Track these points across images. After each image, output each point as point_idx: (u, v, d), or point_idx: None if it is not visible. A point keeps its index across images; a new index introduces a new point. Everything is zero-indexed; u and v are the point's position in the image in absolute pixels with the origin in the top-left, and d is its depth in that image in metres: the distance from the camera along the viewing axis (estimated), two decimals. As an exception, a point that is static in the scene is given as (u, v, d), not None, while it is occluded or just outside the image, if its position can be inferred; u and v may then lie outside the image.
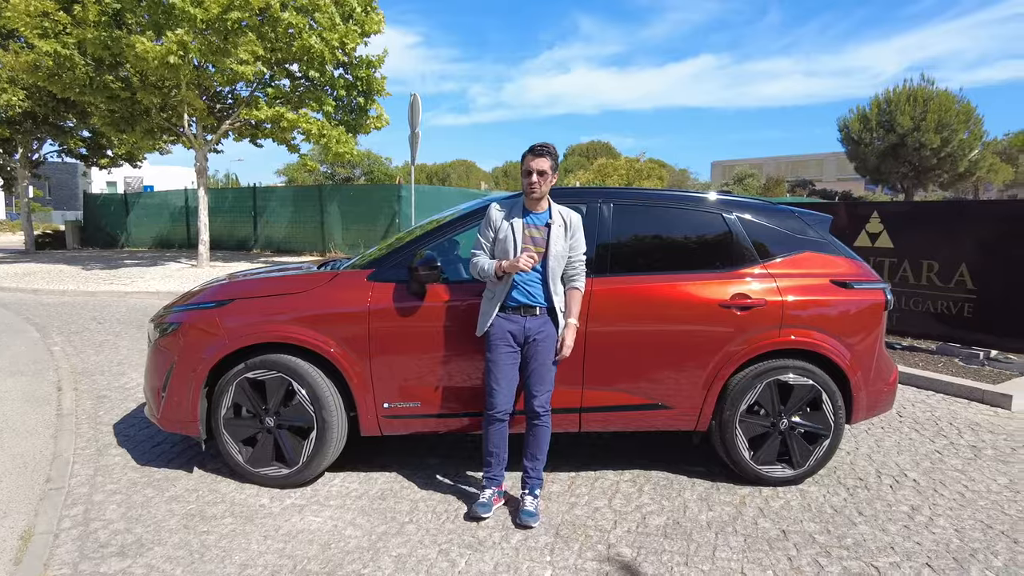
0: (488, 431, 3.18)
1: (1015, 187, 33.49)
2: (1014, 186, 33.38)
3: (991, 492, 3.58)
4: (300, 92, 14.55)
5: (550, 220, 3.17)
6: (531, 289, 3.13)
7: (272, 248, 18.41)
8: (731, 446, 3.55)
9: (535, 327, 3.12)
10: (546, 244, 3.13)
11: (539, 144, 3.15)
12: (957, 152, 25.98)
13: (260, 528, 3.02)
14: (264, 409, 3.41)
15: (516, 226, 3.14)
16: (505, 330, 3.12)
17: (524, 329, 3.12)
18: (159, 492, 3.39)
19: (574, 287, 3.22)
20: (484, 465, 3.26)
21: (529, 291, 3.13)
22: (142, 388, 5.23)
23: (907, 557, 2.88)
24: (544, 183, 3.11)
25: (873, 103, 28.00)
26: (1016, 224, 6.01)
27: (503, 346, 3.11)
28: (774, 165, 73.44)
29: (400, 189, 16.18)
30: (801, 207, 4.06)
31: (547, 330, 3.15)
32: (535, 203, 3.17)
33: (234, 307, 3.42)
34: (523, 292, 3.13)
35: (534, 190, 3.11)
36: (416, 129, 13.38)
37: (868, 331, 3.62)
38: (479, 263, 3.16)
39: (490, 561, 2.77)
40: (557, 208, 3.22)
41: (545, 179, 3.11)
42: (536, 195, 3.13)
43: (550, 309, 3.17)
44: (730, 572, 2.73)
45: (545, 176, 3.10)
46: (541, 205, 3.19)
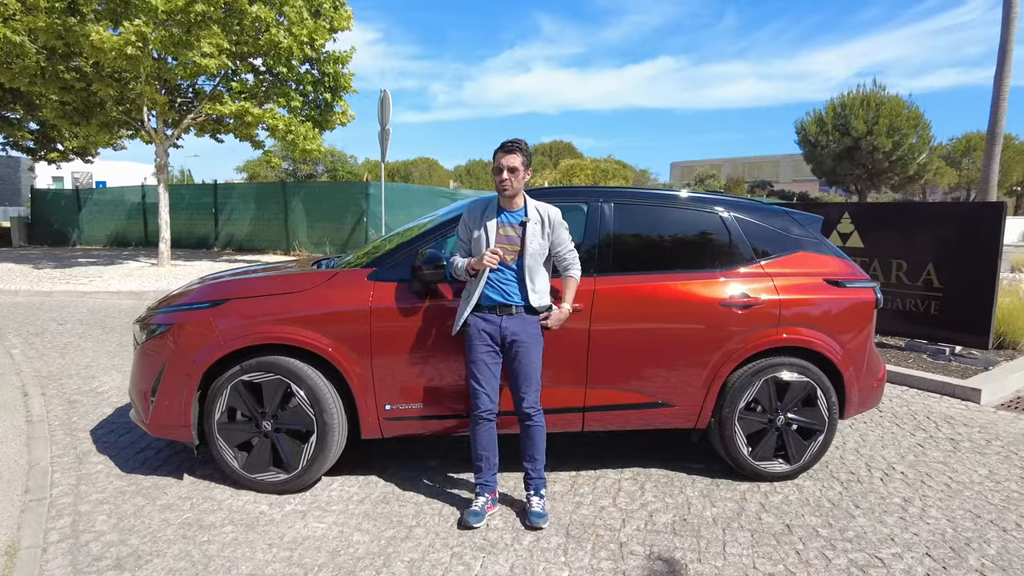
0: (475, 432, 3.13)
1: (958, 190, 35.07)
2: (957, 189, 34.96)
3: (974, 483, 3.73)
4: (265, 87, 14.20)
5: (525, 218, 3.12)
6: (506, 288, 3.09)
7: (234, 246, 17.92)
8: (730, 443, 3.60)
9: (512, 327, 3.07)
10: (521, 242, 3.08)
11: (509, 141, 3.10)
12: (907, 156, 27.07)
13: (263, 536, 2.92)
14: (261, 413, 3.30)
15: (490, 225, 3.10)
16: (481, 329, 3.08)
17: (501, 329, 3.07)
18: (150, 501, 3.25)
19: (569, 276, 3.21)
20: (475, 470, 3.20)
21: (504, 290, 3.09)
22: (123, 391, 5.03)
23: (907, 548, 2.97)
24: (516, 180, 3.06)
25: (829, 107, 28.93)
26: (972, 226, 6.27)
27: (481, 345, 3.07)
28: (731, 166, 75.17)
29: (368, 187, 15.96)
30: (791, 207, 4.14)
31: (527, 330, 3.09)
32: (509, 201, 3.12)
33: (229, 307, 3.30)
34: (498, 291, 3.09)
35: (506, 187, 3.06)
36: (387, 126, 13.23)
37: (860, 329, 3.72)
38: (455, 262, 3.14)
39: (505, 563, 2.74)
40: (534, 204, 3.16)
41: (516, 176, 3.05)
42: (509, 192, 3.07)
43: (528, 307, 3.11)
44: (743, 567, 2.77)
45: (516, 172, 3.05)
46: (516, 203, 3.14)
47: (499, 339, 3.08)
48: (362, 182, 17.09)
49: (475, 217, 3.15)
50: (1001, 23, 9.62)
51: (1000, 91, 9.61)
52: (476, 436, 3.14)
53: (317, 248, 16.58)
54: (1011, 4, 9.46)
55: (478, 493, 3.19)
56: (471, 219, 3.16)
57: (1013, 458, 4.12)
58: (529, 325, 3.11)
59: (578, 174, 23.63)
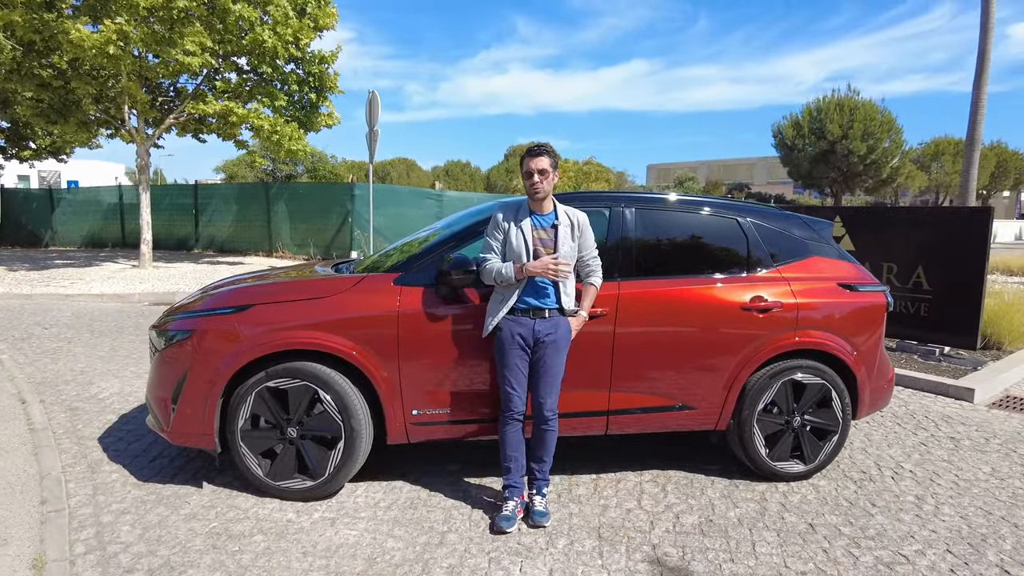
0: (505, 433, 3.17)
1: (928, 193, 36.06)
2: (927, 192, 35.95)
3: (979, 480, 3.84)
4: (249, 87, 14.00)
5: (556, 221, 3.17)
6: (540, 291, 3.14)
7: (215, 248, 17.63)
8: (749, 444, 3.66)
9: (544, 329, 3.12)
10: (554, 245, 3.13)
11: (535, 145, 3.17)
12: (881, 159, 27.75)
13: (296, 544, 2.89)
14: (286, 419, 3.27)
15: (525, 228, 3.13)
16: (514, 332, 3.11)
17: (533, 332, 3.12)
18: (173, 510, 3.19)
19: (590, 282, 3.26)
20: (503, 472, 3.23)
21: (540, 294, 3.13)
22: (124, 398, 4.93)
23: (928, 544, 3.06)
24: (546, 182, 3.12)
25: (805, 111, 29.51)
26: (960, 230, 6.46)
27: (514, 348, 3.11)
28: (707, 168, 76.21)
29: (353, 187, 15.82)
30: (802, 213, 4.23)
31: (557, 332, 3.14)
32: (539, 204, 3.18)
33: (255, 312, 3.26)
34: (534, 295, 3.13)
35: (537, 190, 3.12)
36: (375, 127, 13.14)
37: (872, 331, 3.82)
38: (494, 267, 3.12)
39: (544, 567, 2.76)
40: (563, 208, 3.22)
41: (546, 178, 3.12)
42: (540, 195, 3.13)
43: (559, 310, 3.17)
44: (775, 566, 2.82)
45: (546, 175, 3.11)
46: (546, 206, 3.19)
47: (531, 341, 3.12)
48: (347, 183, 16.93)
49: (509, 219, 3.18)
50: (979, 34, 9.93)
51: (978, 99, 9.92)
52: (506, 437, 3.17)
53: (300, 250, 16.40)
54: (988, 15, 9.77)
55: (507, 496, 3.19)
56: (505, 221, 3.18)
57: (1013, 456, 4.26)
58: (560, 327, 3.15)
59: (561, 176, 23.69)
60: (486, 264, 3.16)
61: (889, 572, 2.81)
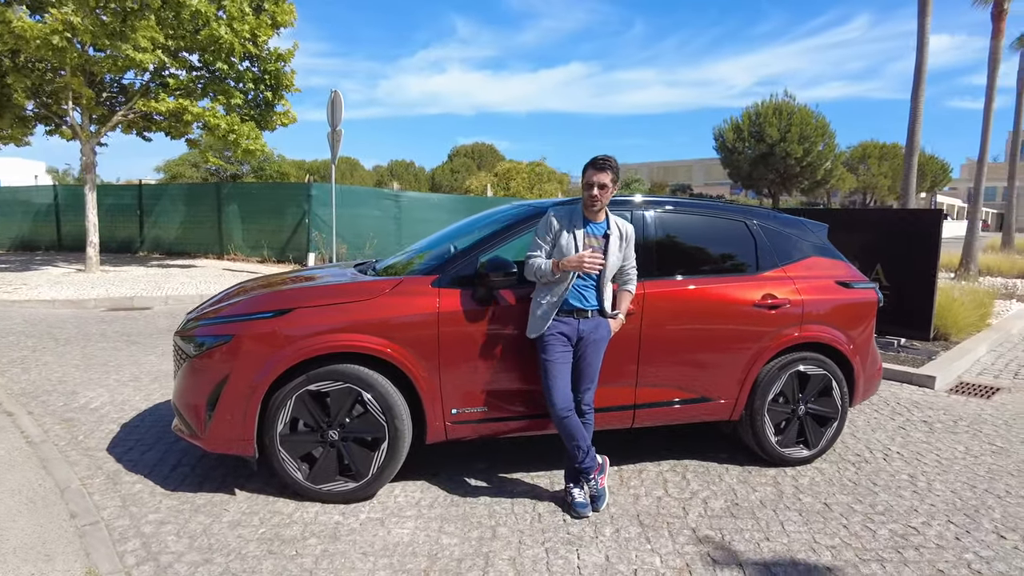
0: (566, 426, 3.23)
1: (855, 193, 38.31)
2: (855, 193, 38.19)
3: (957, 459, 4.23)
4: (202, 84, 13.53)
5: (608, 231, 3.33)
6: (585, 294, 3.29)
7: (162, 250, 16.91)
8: (760, 432, 3.91)
9: (587, 328, 3.29)
10: (604, 254, 3.28)
11: (601, 157, 3.28)
12: (816, 162, 29.31)
13: (353, 546, 2.92)
14: (327, 422, 3.28)
15: (578, 235, 3.26)
16: (559, 332, 3.25)
17: (577, 330, 3.28)
18: (214, 518, 3.16)
19: (626, 289, 3.45)
20: (575, 460, 3.28)
21: (583, 295, 3.29)
22: (118, 407, 4.77)
23: (931, 517, 3.37)
24: (605, 196, 3.26)
25: (745, 115, 30.80)
26: (915, 230, 7.01)
27: (559, 346, 3.24)
28: (647, 170, 78.14)
29: (311, 187, 15.51)
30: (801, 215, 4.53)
31: (598, 331, 3.31)
32: (594, 213, 3.32)
33: (296, 316, 3.26)
34: (578, 297, 3.28)
35: (595, 203, 3.26)
36: (338, 127, 12.97)
37: (865, 325, 4.15)
38: (535, 263, 3.26)
39: (600, 553, 2.90)
40: (614, 219, 3.38)
41: (606, 192, 3.26)
42: (597, 207, 3.28)
43: (600, 311, 3.34)
44: (806, 542, 3.06)
45: (606, 189, 3.25)
46: (600, 215, 3.34)
47: (574, 339, 3.27)
48: (303, 183, 16.58)
49: (563, 223, 3.29)
50: (916, 47, 10.71)
51: (916, 107, 10.70)
52: (568, 429, 3.23)
53: (254, 252, 15.95)
54: (924, 31, 10.56)
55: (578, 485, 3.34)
56: (558, 224, 3.28)
57: (979, 435, 4.69)
58: (601, 327, 3.31)
59: (515, 177, 23.99)
60: (529, 261, 3.29)
61: (905, 542, 3.09)
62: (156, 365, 6.12)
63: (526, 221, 3.68)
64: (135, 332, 7.71)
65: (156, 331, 7.78)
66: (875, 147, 38.89)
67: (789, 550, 2.99)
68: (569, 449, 3.30)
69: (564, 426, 3.25)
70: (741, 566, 2.84)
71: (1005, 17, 13.73)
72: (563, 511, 3.31)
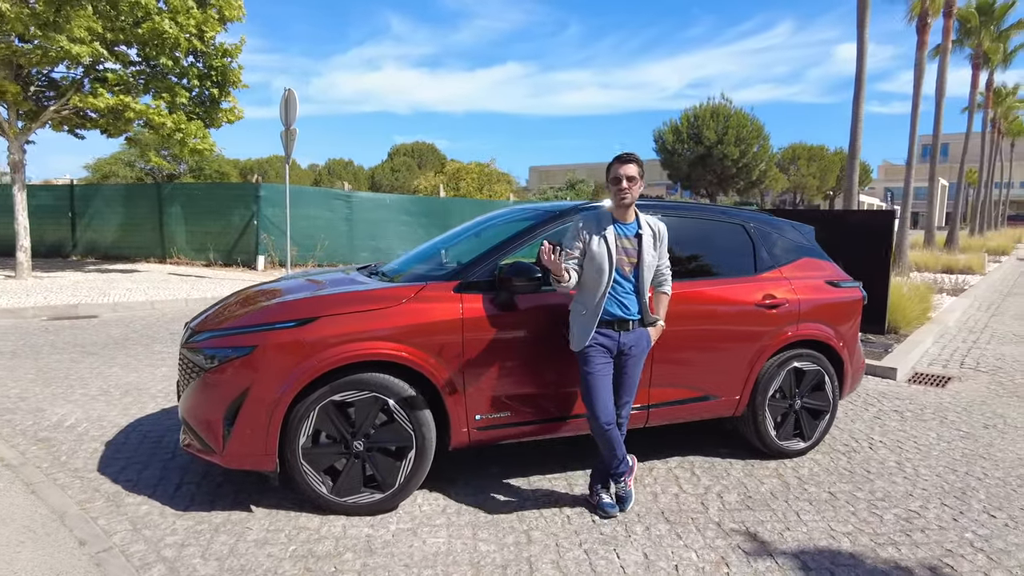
0: (608, 439, 3.22)
1: (786, 193, 40.24)
2: (786, 193, 40.11)
3: (933, 445, 4.54)
4: (143, 80, 12.85)
5: (640, 230, 3.24)
6: (626, 301, 3.21)
7: (97, 254, 15.95)
8: (762, 427, 4.08)
9: (628, 342, 3.23)
10: (638, 254, 3.23)
11: (624, 152, 3.22)
12: (751, 163, 30.59)
13: (392, 559, 2.88)
14: (351, 433, 3.21)
15: (608, 236, 3.17)
16: (600, 344, 3.19)
17: (619, 344, 3.22)
18: (237, 537, 3.04)
19: (662, 291, 3.43)
20: (609, 468, 3.32)
21: (623, 302, 3.21)
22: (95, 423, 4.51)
23: (926, 500, 3.61)
24: (634, 188, 3.18)
25: (683, 117, 31.81)
26: (870, 229, 7.45)
27: (600, 359, 3.18)
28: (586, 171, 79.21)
29: (259, 188, 15.00)
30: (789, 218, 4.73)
31: (640, 344, 3.28)
32: (624, 212, 3.23)
33: (320, 325, 3.17)
34: (618, 304, 3.20)
35: (625, 196, 3.16)
36: (292, 126, 12.60)
37: (853, 322, 4.39)
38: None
39: (638, 551, 2.97)
40: (644, 218, 3.30)
41: (635, 184, 3.18)
42: (627, 201, 3.18)
43: (641, 321, 3.29)
44: (824, 530, 3.22)
45: (635, 181, 3.17)
46: (629, 215, 3.26)
47: (615, 352, 3.23)
48: (251, 183, 15.99)
49: (590, 228, 3.20)
50: (856, 56, 11.37)
51: (857, 114, 11.36)
52: (608, 442, 3.23)
53: (199, 255, 15.29)
54: (864, 41, 11.22)
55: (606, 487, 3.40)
56: (585, 230, 3.19)
57: (946, 422, 5.04)
58: (643, 339, 3.31)
59: (464, 177, 23.93)
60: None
61: (911, 526, 3.31)
62: (123, 377, 5.80)
63: (544, 224, 3.70)
64: (88, 342, 7.27)
65: (112, 341, 7.36)
66: (804, 149, 41.01)
67: (811, 538, 3.14)
68: (607, 459, 3.31)
69: (606, 438, 3.23)
70: (772, 556, 2.97)
71: (928, 31, 14.78)
72: (590, 512, 3.36)
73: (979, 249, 22.10)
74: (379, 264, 4.52)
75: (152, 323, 8.61)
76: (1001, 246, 24.78)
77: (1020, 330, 9.18)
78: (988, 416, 5.20)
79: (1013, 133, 39.58)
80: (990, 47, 23.77)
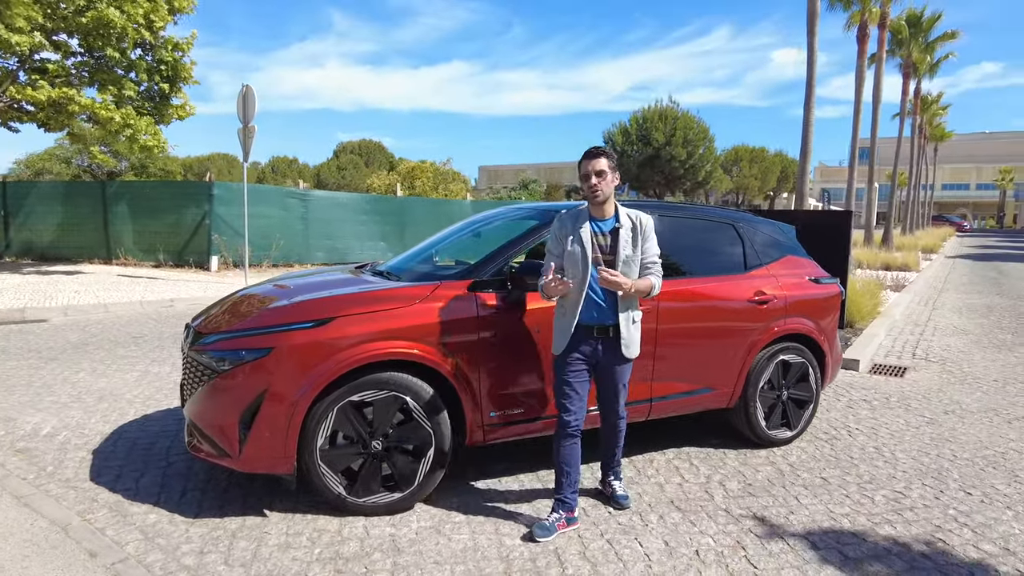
0: (562, 448, 3.12)
1: (729, 194, 41.71)
2: (729, 193, 41.57)
3: (903, 430, 4.84)
4: (88, 71, 12.24)
5: (617, 224, 3.10)
6: (603, 304, 3.06)
7: (34, 255, 15.06)
8: (753, 417, 4.27)
9: (608, 353, 3.10)
10: (613, 250, 3.07)
11: (592, 147, 3.11)
12: (698, 164, 31.56)
13: (422, 557, 2.88)
14: (369, 433, 3.20)
15: (584, 234, 3.05)
16: (578, 351, 3.09)
17: (597, 352, 3.12)
18: (257, 542, 2.98)
19: (649, 274, 3.19)
20: (556, 486, 3.17)
21: (601, 307, 3.06)
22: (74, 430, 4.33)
23: (909, 482, 3.87)
24: (605, 183, 3.04)
25: (632, 119, 32.51)
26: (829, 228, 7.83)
27: (576, 363, 3.10)
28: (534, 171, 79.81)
29: (211, 186, 14.50)
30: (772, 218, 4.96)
31: (618, 358, 3.14)
32: (600, 208, 3.10)
33: (337, 325, 3.14)
34: (595, 308, 3.07)
35: (597, 192, 3.03)
36: (250, 123, 12.25)
37: (832, 316, 4.65)
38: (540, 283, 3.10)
39: (658, 539, 3.07)
40: (625, 211, 3.16)
41: (605, 179, 3.04)
42: (600, 197, 3.05)
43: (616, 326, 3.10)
44: (824, 512, 3.42)
45: (604, 176, 3.03)
46: (607, 210, 3.11)
47: (594, 360, 3.14)
48: (203, 181, 15.44)
49: (566, 228, 3.11)
50: (807, 62, 11.93)
51: (808, 118, 11.93)
52: (563, 452, 3.12)
53: (147, 256, 14.66)
54: (813, 48, 11.78)
55: (553, 509, 3.16)
56: (562, 230, 3.12)
57: (911, 409, 5.39)
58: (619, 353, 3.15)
59: (419, 176, 23.75)
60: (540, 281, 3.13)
61: (900, 505, 3.54)
62: (93, 383, 5.55)
63: (549, 224, 3.75)
64: (44, 348, 6.90)
65: (70, 346, 7.01)
66: (746, 151, 42.61)
67: (814, 520, 3.32)
68: (557, 472, 3.17)
69: (562, 446, 3.12)
70: (783, 538, 3.13)
71: (868, 40, 15.63)
72: (603, 504, 3.46)
73: (912, 247, 23.48)
74: (376, 263, 4.50)
75: (109, 327, 8.23)
76: (930, 244, 26.40)
77: (959, 323, 9.84)
78: (946, 403, 5.58)
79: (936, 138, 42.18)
80: (918, 57, 25.32)
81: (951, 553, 3.05)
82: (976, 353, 7.63)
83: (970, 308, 11.41)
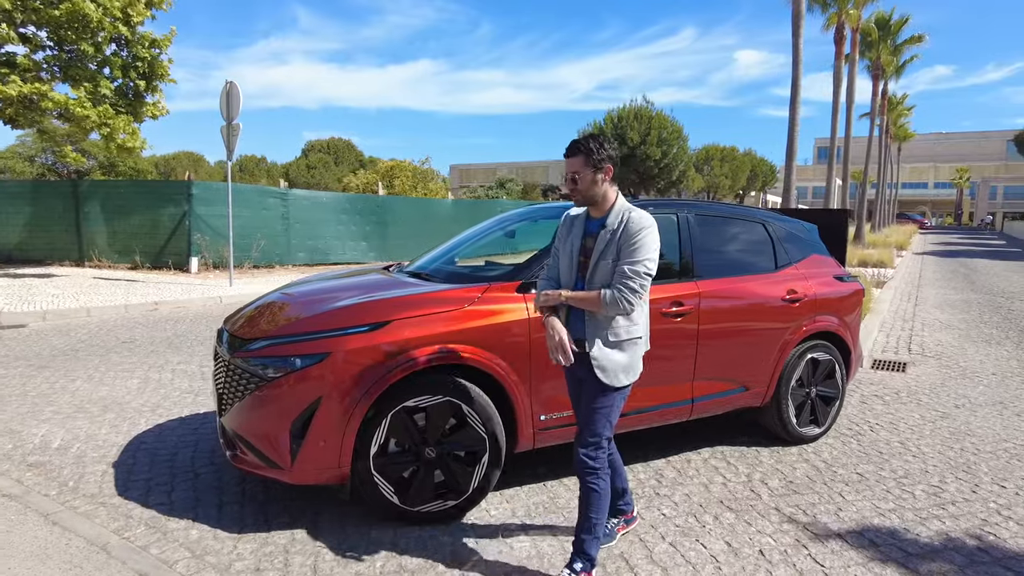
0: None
1: (701, 192, 42.25)
2: (701, 192, 42.10)
3: (921, 424, 4.94)
4: (60, 67, 11.75)
5: (605, 224, 2.62)
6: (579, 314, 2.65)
7: (0, 258, 14.46)
8: (785, 415, 4.30)
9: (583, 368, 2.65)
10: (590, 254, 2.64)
11: (572, 141, 2.62)
12: (672, 163, 31.86)
13: (488, 567, 2.81)
14: (423, 439, 3.11)
15: (576, 237, 2.72)
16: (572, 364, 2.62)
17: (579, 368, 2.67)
18: (314, 557, 2.87)
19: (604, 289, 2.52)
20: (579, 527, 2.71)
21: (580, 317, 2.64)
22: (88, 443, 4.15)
23: (943, 476, 3.93)
24: (582, 184, 2.59)
25: (607, 119, 32.65)
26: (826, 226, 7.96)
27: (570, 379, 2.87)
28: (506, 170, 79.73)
29: (191, 186, 14.10)
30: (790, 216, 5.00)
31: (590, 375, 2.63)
32: (595, 208, 2.69)
33: (394, 328, 3.04)
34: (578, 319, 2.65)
35: (574, 196, 2.65)
36: (234, 120, 11.95)
37: (856, 313, 4.71)
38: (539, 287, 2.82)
39: (719, 539, 3.06)
40: (619, 211, 2.62)
41: (582, 179, 2.58)
42: (579, 200, 2.66)
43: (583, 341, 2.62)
44: (870, 507, 3.45)
45: (581, 176, 2.57)
46: (601, 209, 2.66)
47: (579, 376, 2.74)
48: (182, 180, 14.99)
49: (566, 229, 2.78)
50: (791, 63, 12.14)
51: (794, 119, 12.13)
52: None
53: (123, 257, 14.18)
54: (798, 49, 11.99)
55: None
56: (563, 232, 2.80)
57: (923, 404, 5.50)
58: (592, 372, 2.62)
59: (398, 175, 23.48)
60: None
61: (939, 499, 3.60)
62: (93, 392, 5.31)
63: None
64: (32, 355, 6.59)
65: (59, 352, 6.71)
66: (717, 150, 43.24)
67: (863, 517, 3.35)
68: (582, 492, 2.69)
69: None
70: (840, 536, 3.14)
71: (845, 42, 15.98)
72: (656, 507, 3.43)
73: (883, 244, 24.13)
74: (402, 263, 4.40)
75: (96, 331, 7.92)
76: (899, 241, 27.16)
77: (943, 318, 10.12)
78: (954, 397, 5.71)
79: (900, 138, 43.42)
80: (886, 59, 26.04)
81: (1003, 547, 3.10)
82: (968, 347, 7.85)
83: (950, 304, 11.75)
